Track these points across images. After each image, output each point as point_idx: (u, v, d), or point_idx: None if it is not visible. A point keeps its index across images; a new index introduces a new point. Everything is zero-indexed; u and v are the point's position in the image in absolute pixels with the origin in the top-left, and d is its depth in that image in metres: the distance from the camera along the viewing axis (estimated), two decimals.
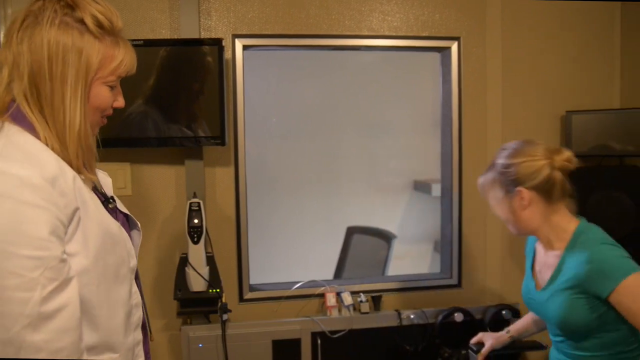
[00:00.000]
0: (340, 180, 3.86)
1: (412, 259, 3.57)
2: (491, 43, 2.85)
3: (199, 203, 2.40)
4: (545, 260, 1.91)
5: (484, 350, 2.16)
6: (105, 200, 1.26)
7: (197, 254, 2.40)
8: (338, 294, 2.73)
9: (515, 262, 2.94)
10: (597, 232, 1.79)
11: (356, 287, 2.80)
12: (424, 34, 2.79)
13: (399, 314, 2.75)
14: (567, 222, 1.81)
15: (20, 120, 1.11)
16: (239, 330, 2.55)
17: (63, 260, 1.05)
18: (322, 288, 2.73)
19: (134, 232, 1.36)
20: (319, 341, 2.64)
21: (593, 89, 2.95)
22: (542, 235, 1.86)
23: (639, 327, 1.68)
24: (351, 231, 3.63)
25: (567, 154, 1.79)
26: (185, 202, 2.46)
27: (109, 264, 1.16)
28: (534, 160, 1.77)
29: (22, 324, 0.99)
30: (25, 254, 1.00)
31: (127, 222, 1.33)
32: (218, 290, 2.44)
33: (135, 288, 1.29)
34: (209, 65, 2.42)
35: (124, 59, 1.18)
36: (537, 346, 2.38)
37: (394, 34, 2.76)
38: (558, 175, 1.77)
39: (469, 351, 2.35)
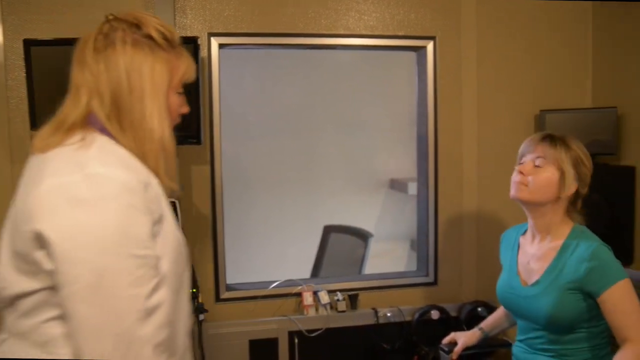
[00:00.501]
0: (317, 179, 3.87)
1: (388, 257, 3.59)
2: (466, 42, 2.87)
3: (174, 202, 2.38)
4: (536, 251, 1.94)
5: (457, 349, 2.18)
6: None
7: None
8: (315, 293, 2.73)
9: (490, 259, 2.97)
10: (591, 232, 1.88)
11: (333, 286, 2.81)
12: (399, 34, 2.80)
13: (376, 312, 2.76)
14: (569, 223, 1.91)
15: (103, 132, 1.17)
16: (215, 330, 2.54)
17: (158, 260, 1.12)
18: (299, 287, 2.73)
19: None
20: (296, 340, 2.64)
21: (566, 89, 2.99)
22: (543, 223, 1.91)
23: (613, 326, 1.75)
24: (328, 230, 3.64)
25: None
26: None
27: (179, 271, 1.21)
28: (588, 179, 1.90)
29: (134, 318, 1.05)
30: (132, 253, 1.06)
31: None
32: (194, 290, 2.42)
33: (187, 298, 1.34)
34: None
35: (188, 67, 1.26)
36: (506, 344, 2.41)
37: (370, 33, 2.77)
38: (581, 199, 1.92)
39: (440, 352, 2.37)
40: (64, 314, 1.08)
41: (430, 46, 2.83)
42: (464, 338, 2.18)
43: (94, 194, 1.06)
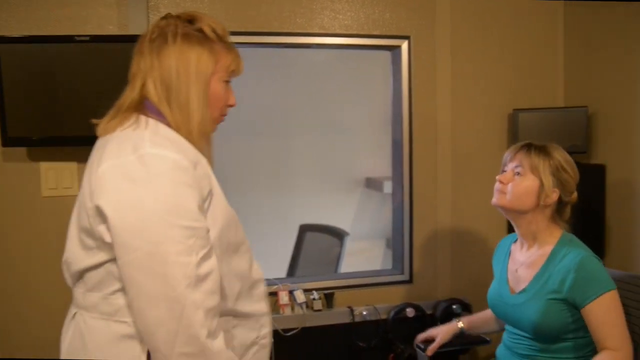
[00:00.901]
0: (293, 178, 3.86)
1: (364, 256, 3.60)
2: (441, 42, 2.89)
3: None
4: (525, 259, 1.96)
5: (434, 345, 2.19)
6: None
7: None
8: (291, 292, 2.72)
9: (465, 257, 3.00)
10: (581, 242, 1.92)
11: (309, 285, 2.80)
12: (374, 33, 2.81)
13: (352, 311, 2.77)
14: (557, 230, 1.94)
15: (156, 114, 1.31)
16: None
17: (208, 232, 1.24)
18: (275, 286, 2.72)
19: None
20: (272, 340, 2.63)
21: (539, 88, 3.03)
22: (530, 231, 1.94)
23: (595, 338, 1.78)
24: (304, 229, 3.63)
25: (576, 195, 1.96)
26: None
27: (230, 242, 1.33)
28: (573, 184, 1.93)
29: (185, 284, 1.16)
30: (183, 224, 1.17)
31: None
32: None
33: (256, 265, 1.48)
34: None
35: (234, 59, 1.39)
36: (482, 340, 2.43)
37: (345, 32, 2.77)
38: (570, 206, 1.95)
39: (417, 349, 2.38)
40: (123, 283, 1.20)
41: (404, 45, 2.85)
42: (441, 335, 2.19)
43: (147, 171, 1.18)
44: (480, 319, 2.23)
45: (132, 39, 2.35)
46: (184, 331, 1.16)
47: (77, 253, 1.29)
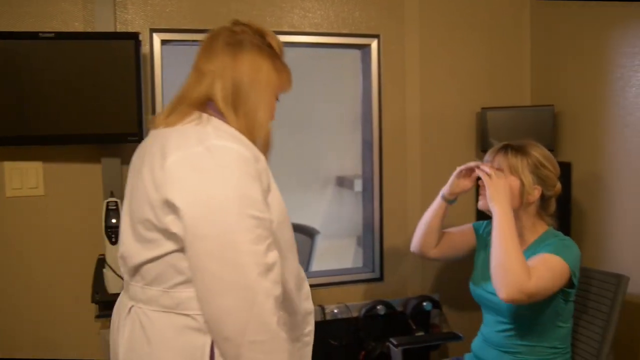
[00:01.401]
0: None
1: (335, 254, 3.60)
2: (410, 41, 2.91)
3: (116, 202, 2.32)
4: None
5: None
6: None
7: (115, 254, 2.31)
8: None
9: None
10: (565, 236, 1.97)
11: None
12: (344, 31, 2.81)
13: (323, 309, 2.77)
14: (541, 226, 2.00)
15: (215, 113, 1.35)
16: None
17: (272, 223, 1.27)
18: None
19: None
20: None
21: (506, 86, 3.07)
22: (517, 228, 1.96)
23: None
24: None
25: (560, 187, 2.02)
26: (102, 201, 2.37)
27: (285, 238, 1.35)
28: (554, 178, 1.98)
29: (257, 271, 1.18)
30: (252, 214, 1.20)
31: None
32: None
33: (300, 266, 1.47)
34: (125, 60, 2.35)
35: (289, 78, 1.48)
36: (454, 337, 2.45)
37: (314, 30, 2.77)
38: (554, 199, 2.01)
39: (390, 345, 2.40)
40: (193, 273, 1.22)
41: (374, 44, 2.86)
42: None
43: (215, 162, 1.21)
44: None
45: (98, 36, 2.35)
46: (255, 319, 1.18)
47: (133, 247, 1.32)
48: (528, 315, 1.86)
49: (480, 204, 2.01)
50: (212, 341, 1.24)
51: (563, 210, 2.70)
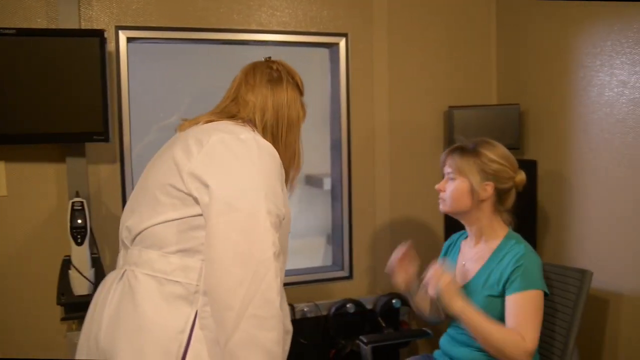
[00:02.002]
0: None
1: (306, 252, 3.59)
2: (378, 40, 2.92)
3: (82, 202, 2.28)
4: (473, 254, 2.01)
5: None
6: None
7: (81, 255, 2.28)
8: None
9: None
10: (525, 241, 1.97)
11: None
12: (312, 30, 2.81)
13: (293, 308, 2.77)
14: (501, 225, 2.00)
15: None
16: None
17: (283, 217, 1.38)
18: None
19: None
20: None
21: (473, 86, 3.11)
22: (476, 227, 2.00)
23: (507, 324, 1.83)
24: None
25: (524, 176, 2.00)
26: (67, 201, 2.33)
27: (282, 239, 1.41)
28: (509, 169, 1.96)
29: (273, 250, 1.28)
30: (275, 201, 1.33)
31: None
32: None
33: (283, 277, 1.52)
34: (90, 58, 2.30)
35: (306, 111, 1.64)
36: (424, 334, 2.47)
37: (282, 29, 2.76)
38: (514, 190, 1.99)
39: (359, 343, 2.40)
40: (210, 242, 1.28)
41: (342, 43, 2.86)
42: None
43: (252, 150, 1.36)
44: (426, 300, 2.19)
45: (62, 33, 2.31)
46: (262, 294, 1.25)
47: (143, 216, 1.39)
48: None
49: (431, 293, 2.00)
50: (195, 313, 1.31)
51: (528, 207, 2.75)
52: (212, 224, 1.28)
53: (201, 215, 1.32)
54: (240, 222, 1.27)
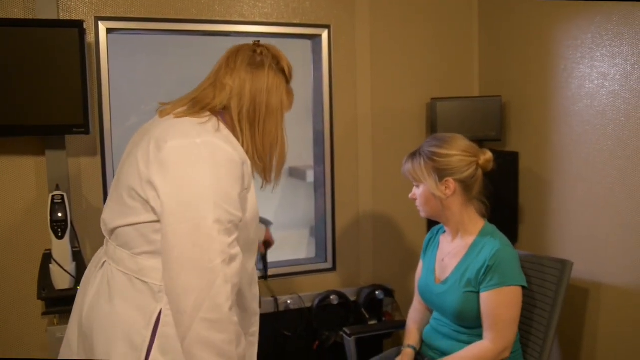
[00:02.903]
0: None
1: (289, 245, 3.59)
2: (360, 31, 2.91)
3: (62, 196, 2.26)
4: (452, 249, 2.01)
5: None
6: None
7: (62, 249, 2.26)
8: None
9: (386, 243, 3.05)
10: (501, 234, 1.97)
11: None
12: (295, 21, 2.80)
13: (276, 300, 2.77)
14: (476, 218, 1.98)
15: (226, 122, 1.49)
16: None
17: (240, 221, 1.40)
18: None
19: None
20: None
21: (456, 77, 3.11)
22: (452, 224, 2.00)
23: (484, 327, 1.87)
24: None
25: (489, 154, 1.94)
26: (47, 195, 2.30)
27: (247, 237, 1.47)
28: (466, 156, 1.90)
29: (221, 259, 1.32)
30: (227, 209, 1.34)
31: None
32: None
33: (254, 265, 1.59)
34: (69, 49, 2.27)
35: (292, 101, 1.61)
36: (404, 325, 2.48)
37: (264, 20, 2.75)
38: (480, 173, 1.93)
39: (343, 335, 2.41)
40: (163, 248, 1.34)
41: (325, 34, 2.85)
42: None
43: (206, 156, 1.35)
44: (415, 335, 2.17)
45: (39, 24, 2.27)
46: (211, 300, 1.30)
47: (114, 211, 1.46)
48: (474, 317, 1.90)
49: None
50: (160, 309, 1.38)
51: (510, 198, 2.78)
52: (164, 232, 1.34)
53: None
54: (187, 233, 1.31)
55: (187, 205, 1.32)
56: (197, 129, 1.41)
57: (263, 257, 2.28)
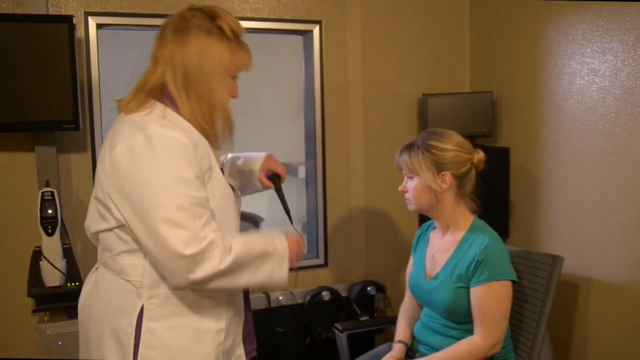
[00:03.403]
0: None
1: None
2: (352, 27, 2.91)
3: (52, 192, 2.25)
4: (442, 245, 2.01)
5: None
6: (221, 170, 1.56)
7: (52, 246, 2.25)
8: None
9: (378, 239, 3.06)
10: (491, 229, 1.97)
11: None
12: (286, 17, 2.79)
13: (268, 297, 2.77)
14: (467, 214, 1.98)
15: (169, 101, 1.46)
16: None
17: (208, 200, 1.40)
18: None
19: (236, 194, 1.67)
20: None
21: (447, 73, 3.12)
22: (442, 219, 1.99)
23: (475, 323, 1.88)
24: None
25: (482, 154, 1.95)
26: (37, 191, 2.29)
27: (222, 218, 1.46)
28: (462, 152, 1.92)
29: (184, 245, 1.32)
30: (188, 193, 1.34)
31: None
32: (77, 283, 2.30)
33: None
34: (58, 44, 2.25)
35: (246, 57, 1.52)
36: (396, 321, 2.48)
37: (255, 16, 2.74)
38: (474, 171, 1.95)
39: (335, 330, 2.41)
40: (138, 244, 1.40)
41: (316, 30, 2.84)
42: (396, 355, 2.09)
43: (153, 149, 1.34)
44: (405, 330, 2.18)
45: (28, 19, 2.25)
46: (195, 282, 1.37)
47: (92, 218, 1.49)
48: (465, 313, 1.91)
49: None
50: (142, 305, 1.42)
51: (501, 194, 2.78)
52: (133, 232, 1.39)
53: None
54: (151, 240, 1.35)
55: (147, 204, 1.33)
56: (141, 124, 1.39)
57: (277, 192, 1.97)
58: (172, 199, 1.33)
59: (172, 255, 1.32)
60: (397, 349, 2.10)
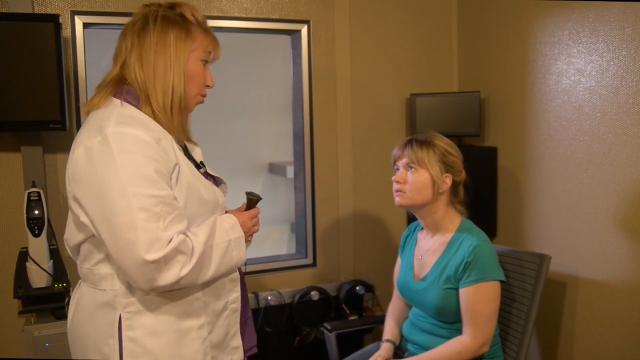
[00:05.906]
0: None
1: (270, 241, 3.59)
2: (340, 27, 2.91)
3: (38, 192, 2.23)
4: (430, 246, 2.02)
5: None
6: (196, 165, 1.54)
7: (38, 247, 2.23)
8: None
9: (366, 239, 3.06)
10: (479, 229, 1.99)
11: None
12: (274, 17, 2.78)
13: (257, 297, 2.76)
14: (455, 215, 2.02)
15: (130, 96, 1.43)
16: None
17: (175, 199, 1.36)
18: None
19: (222, 187, 1.66)
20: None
21: (435, 73, 3.13)
22: (430, 220, 2.00)
23: (464, 323, 1.89)
24: None
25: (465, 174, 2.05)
26: (23, 192, 2.27)
27: (194, 213, 1.43)
28: (462, 162, 2.02)
29: (146, 248, 1.28)
30: (149, 193, 1.30)
31: (215, 182, 1.62)
32: (65, 284, 2.29)
33: None
34: (44, 44, 2.24)
35: (212, 41, 1.51)
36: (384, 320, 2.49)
37: (243, 15, 2.73)
38: (462, 183, 2.03)
39: (324, 330, 2.41)
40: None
41: (304, 30, 2.84)
42: (384, 354, 2.10)
43: (110, 151, 1.30)
44: (393, 329, 2.19)
45: (14, 18, 2.23)
46: (164, 284, 1.33)
47: (70, 231, 1.47)
48: (454, 313, 1.92)
49: None
50: (119, 315, 1.40)
51: (489, 193, 2.80)
52: (99, 237, 1.36)
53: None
54: (110, 237, 1.31)
55: (108, 209, 1.30)
56: (100, 123, 1.36)
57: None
58: (132, 201, 1.28)
59: (135, 260, 1.28)
60: (385, 348, 2.11)
